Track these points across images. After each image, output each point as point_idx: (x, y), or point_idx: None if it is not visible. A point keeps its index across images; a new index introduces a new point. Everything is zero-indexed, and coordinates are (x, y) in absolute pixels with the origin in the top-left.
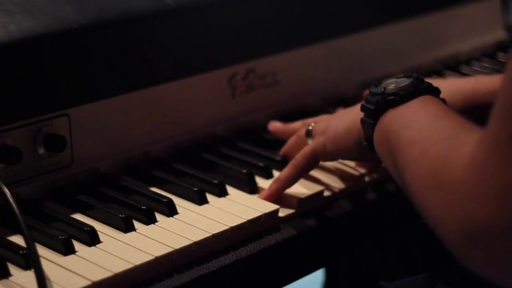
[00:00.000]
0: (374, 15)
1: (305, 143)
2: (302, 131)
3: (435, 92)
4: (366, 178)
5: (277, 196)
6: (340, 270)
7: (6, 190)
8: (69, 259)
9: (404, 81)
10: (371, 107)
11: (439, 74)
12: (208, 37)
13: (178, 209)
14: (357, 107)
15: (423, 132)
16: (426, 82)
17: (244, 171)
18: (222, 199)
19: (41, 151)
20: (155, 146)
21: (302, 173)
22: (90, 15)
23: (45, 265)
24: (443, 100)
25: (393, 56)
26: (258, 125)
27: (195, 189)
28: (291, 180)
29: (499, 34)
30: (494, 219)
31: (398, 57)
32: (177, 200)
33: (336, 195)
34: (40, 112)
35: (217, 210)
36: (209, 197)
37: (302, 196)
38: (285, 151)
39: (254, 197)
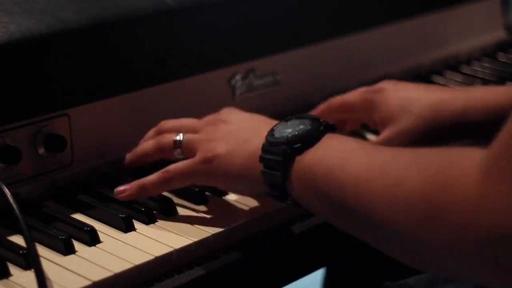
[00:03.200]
0: (374, 15)
1: (170, 154)
2: (168, 140)
3: (333, 128)
4: None
5: (130, 198)
6: (341, 269)
7: (6, 190)
8: (69, 259)
9: (299, 123)
10: (277, 158)
11: (439, 74)
12: (208, 37)
13: (178, 209)
14: (246, 135)
15: (368, 164)
16: (325, 121)
17: None
18: (222, 199)
19: (41, 151)
20: None
21: (172, 187)
22: (90, 15)
23: (45, 265)
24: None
25: (393, 56)
26: None
27: (196, 189)
28: (158, 191)
29: (499, 34)
30: (508, 231)
31: (398, 57)
32: (177, 200)
33: None
34: (40, 112)
35: (217, 210)
36: (209, 197)
37: None
38: (139, 160)
39: (254, 198)
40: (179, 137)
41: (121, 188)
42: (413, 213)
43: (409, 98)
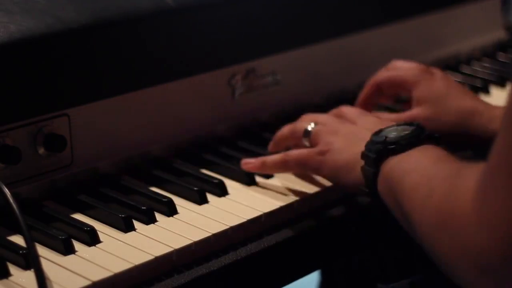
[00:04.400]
0: (374, 15)
1: (299, 140)
2: (301, 127)
3: (436, 140)
4: None
5: (256, 171)
6: (336, 271)
7: (6, 190)
8: (69, 259)
9: (405, 129)
10: (372, 155)
11: None
12: (208, 37)
13: (178, 209)
14: (362, 140)
15: (424, 175)
16: (427, 130)
17: (244, 171)
18: (222, 199)
19: (41, 151)
20: (155, 146)
21: (287, 171)
22: (90, 15)
23: (45, 265)
24: (443, 147)
25: (393, 56)
26: (258, 125)
27: (195, 188)
28: (275, 170)
29: (499, 34)
30: (507, 248)
31: (398, 57)
32: (177, 200)
33: (336, 196)
34: (40, 112)
35: (217, 210)
36: (209, 196)
37: (302, 197)
38: (277, 142)
39: (254, 197)
40: (311, 126)
41: (248, 160)
42: (430, 219)
43: (443, 94)
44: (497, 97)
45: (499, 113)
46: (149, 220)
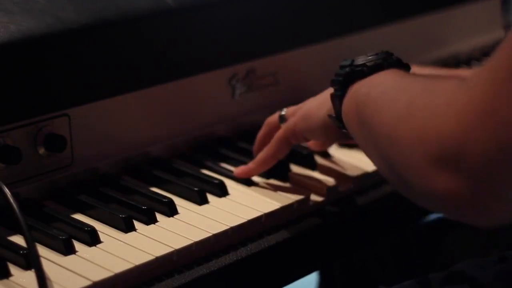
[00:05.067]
0: (374, 15)
1: (278, 129)
2: (274, 117)
3: (405, 67)
4: (365, 180)
5: (248, 176)
6: (335, 272)
7: (6, 190)
8: (69, 259)
9: (373, 55)
10: (340, 78)
11: None
12: (208, 37)
13: (179, 209)
14: (328, 90)
15: (394, 86)
16: (396, 57)
17: None
18: (223, 199)
19: (41, 151)
20: (155, 146)
21: (275, 157)
22: (90, 15)
23: (46, 265)
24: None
25: None
26: (258, 125)
27: (196, 189)
28: (265, 164)
29: (499, 34)
30: (503, 144)
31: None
32: (177, 200)
33: (336, 196)
34: (40, 112)
35: (217, 210)
36: (210, 197)
37: (302, 197)
38: (259, 143)
39: (254, 197)
40: (283, 111)
41: (240, 169)
42: (395, 111)
43: None
44: None
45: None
46: (150, 220)
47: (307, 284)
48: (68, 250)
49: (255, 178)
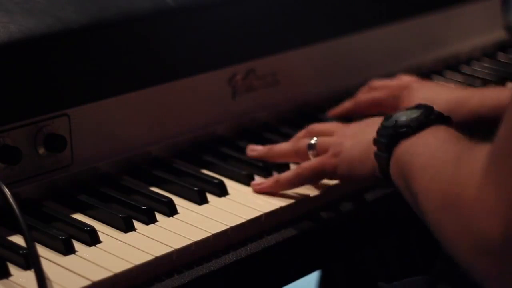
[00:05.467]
0: (374, 15)
1: (305, 156)
2: (303, 144)
3: (446, 120)
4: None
5: (265, 191)
6: (337, 271)
7: (6, 190)
8: (69, 259)
9: (414, 112)
10: (384, 140)
11: (439, 74)
12: (208, 37)
13: (178, 209)
14: (370, 132)
15: (432, 157)
16: (437, 111)
17: (244, 171)
18: (222, 199)
19: (41, 151)
20: (155, 146)
21: (303, 184)
22: (90, 15)
23: (45, 265)
24: (455, 126)
25: (393, 56)
26: (258, 125)
27: (195, 188)
28: (290, 186)
29: (499, 34)
30: (507, 232)
31: (398, 57)
32: (177, 200)
33: (337, 196)
34: (40, 112)
35: (217, 210)
36: (209, 197)
37: (302, 197)
38: (276, 156)
39: (254, 197)
40: (313, 140)
41: (258, 181)
42: (435, 201)
43: (429, 98)
44: None
45: (490, 94)
46: (149, 220)
47: (308, 283)
48: (68, 250)
49: (255, 178)
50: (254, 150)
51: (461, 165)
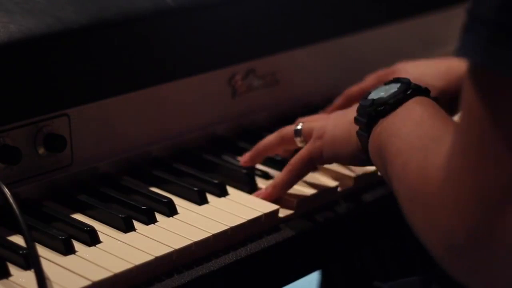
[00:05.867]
0: (374, 15)
1: (292, 143)
2: (289, 130)
3: (424, 93)
4: (364, 179)
5: (272, 200)
6: (336, 271)
7: (6, 190)
8: (69, 259)
9: (393, 87)
10: (363, 119)
11: None
12: (208, 37)
13: (178, 209)
14: (351, 112)
15: (405, 142)
16: (414, 84)
17: (244, 171)
18: (222, 199)
19: (41, 151)
20: (155, 146)
21: (298, 177)
22: (90, 15)
23: (45, 265)
24: (435, 99)
25: (393, 56)
26: (258, 125)
27: (195, 189)
28: (287, 185)
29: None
30: (473, 231)
31: (398, 57)
32: (177, 200)
33: (336, 196)
34: (40, 112)
35: (217, 210)
36: (209, 197)
37: (302, 197)
38: (264, 150)
39: (254, 198)
40: (299, 126)
41: (258, 192)
42: (405, 190)
43: (419, 74)
44: None
45: None
46: (149, 220)
47: (308, 283)
48: (68, 250)
49: (255, 178)
50: (244, 159)
51: (427, 157)
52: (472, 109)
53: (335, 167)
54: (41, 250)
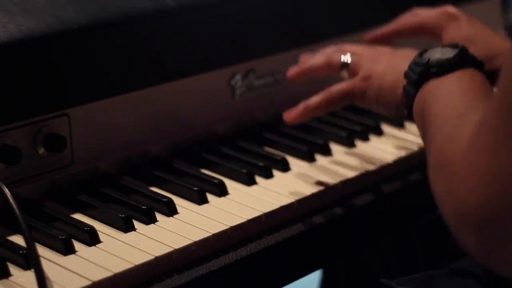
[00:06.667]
0: (374, 15)
1: (336, 71)
2: (337, 58)
3: (479, 65)
4: (364, 179)
5: (301, 120)
6: (339, 269)
7: (6, 190)
8: (69, 259)
9: (449, 52)
10: (414, 76)
11: None
12: (208, 37)
13: (178, 209)
14: (402, 61)
15: (445, 107)
16: (471, 55)
17: (244, 170)
18: (222, 198)
19: (41, 151)
20: (155, 146)
21: (332, 107)
22: (90, 15)
23: (45, 265)
24: (486, 73)
25: None
26: (258, 125)
27: (195, 188)
28: (319, 110)
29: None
30: (487, 205)
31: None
32: (177, 200)
33: (337, 196)
34: (40, 112)
35: (217, 210)
36: (209, 196)
37: (302, 197)
38: (306, 71)
39: (254, 197)
40: (347, 58)
41: (288, 112)
42: (434, 154)
43: (471, 36)
44: None
45: None
46: (149, 220)
47: (308, 283)
48: (68, 250)
49: (255, 178)
50: (291, 72)
51: (460, 125)
52: (509, 90)
53: (335, 167)
54: (41, 250)
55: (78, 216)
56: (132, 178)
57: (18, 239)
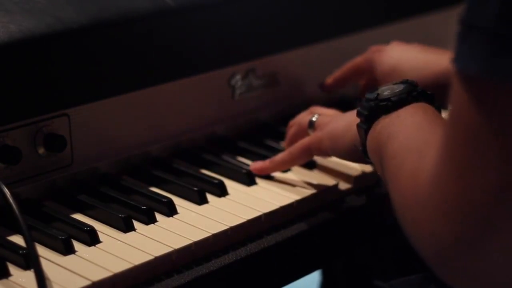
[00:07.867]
0: (374, 15)
1: (306, 133)
2: (305, 120)
3: (429, 98)
4: (364, 179)
5: (266, 173)
6: (336, 270)
7: (6, 190)
8: (69, 259)
9: (398, 87)
10: (365, 112)
11: None
12: (208, 37)
13: (178, 209)
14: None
15: (401, 144)
16: (420, 88)
17: (244, 171)
18: (222, 199)
19: (41, 151)
20: (155, 146)
21: (295, 163)
22: (90, 15)
23: (45, 265)
24: (437, 107)
25: None
26: (258, 125)
27: (195, 189)
28: (283, 166)
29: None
30: (459, 237)
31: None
32: (177, 200)
33: (336, 196)
34: (40, 112)
35: (217, 210)
36: (209, 197)
37: (302, 197)
38: (288, 141)
39: (254, 197)
40: (314, 117)
41: (255, 163)
42: (398, 192)
43: (400, 59)
44: None
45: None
46: (149, 220)
47: (308, 283)
48: (68, 250)
49: (255, 179)
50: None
51: (420, 161)
52: (461, 116)
53: (335, 166)
54: (41, 250)
55: (78, 216)
56: (132, 178)
57: (18, 239)
